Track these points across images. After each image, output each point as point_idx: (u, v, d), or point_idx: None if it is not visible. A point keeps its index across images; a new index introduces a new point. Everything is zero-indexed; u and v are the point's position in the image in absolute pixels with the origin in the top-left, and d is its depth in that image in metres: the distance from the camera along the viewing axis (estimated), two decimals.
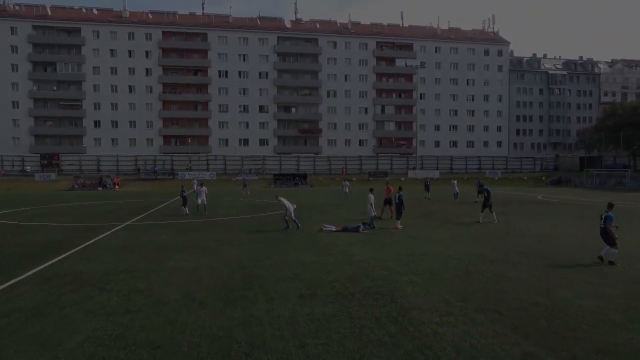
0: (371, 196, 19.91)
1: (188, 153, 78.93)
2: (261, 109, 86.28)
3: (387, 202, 22.96)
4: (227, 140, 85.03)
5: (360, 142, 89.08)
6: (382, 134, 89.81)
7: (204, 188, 26.38)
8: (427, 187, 38.62)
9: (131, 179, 68.15)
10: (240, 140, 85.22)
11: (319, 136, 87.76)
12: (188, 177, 67.47)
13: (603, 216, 12.06)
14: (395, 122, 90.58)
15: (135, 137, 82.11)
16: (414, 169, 78.73)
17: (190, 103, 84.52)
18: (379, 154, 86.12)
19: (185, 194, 26.06)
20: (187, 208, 25.87)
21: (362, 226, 18.36)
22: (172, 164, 76.47)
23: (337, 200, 36.48)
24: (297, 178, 70.07)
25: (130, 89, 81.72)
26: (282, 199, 18.83)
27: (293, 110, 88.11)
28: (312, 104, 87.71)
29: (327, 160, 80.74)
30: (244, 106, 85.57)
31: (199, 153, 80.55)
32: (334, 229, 18.49)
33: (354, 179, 70.80)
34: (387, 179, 70.86)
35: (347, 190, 38.69)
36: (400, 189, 20.31)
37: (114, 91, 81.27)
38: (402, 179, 71.39)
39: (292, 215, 18.72)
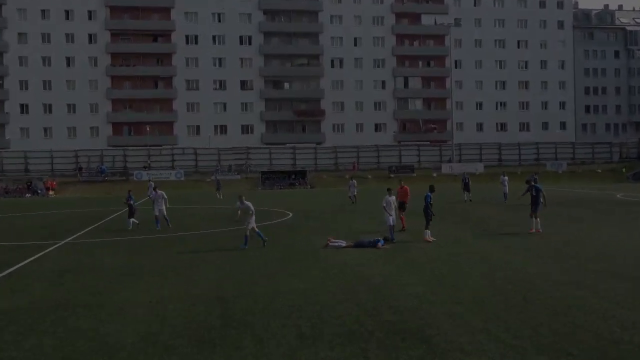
0: (390, 199, 19.95)
1: (146, 146, 79.30)
2: (243, 85, 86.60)
3: (401, 206, 22.94)
4: (197, 127, 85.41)
5: (377, 127, 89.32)
6: (405, 116, 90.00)
7: (162, 193, 26.28)
8: (466, 186, 38.73)
9: (70, 182, 68.64)
10: (215, 127, 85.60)
11: (321, 120, 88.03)
12: (147, 177, 67.66)
13: None
14: (423, 99, 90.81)
15: (75, 125, 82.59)
16: (449, 161, 78.87)
17: (149, 79, 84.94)
18: (402, 143, 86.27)
19: (132, 201, 26.01)
20: (134, 220, 25.83)
21: (381, 241, 18.35)
22: (125, 160, 76.97)
23: (346, 205, 36.53)
24: (294, 176, 70.35)
25: (68, 61, 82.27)
26: (248, 202, 18.89)
27: (286, 85, 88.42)
28: (311, 77, 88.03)
29: (333, 152, 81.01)
30: (220, 82, 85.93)
31: (161, 146, 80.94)
32: (343, 245, 18.51)
33: (369, 177, 71.03)
34: (414, 175, 71.04)
35: (355, 193, 38.70)
36: (430, 188, 20.26)
37: (45, 64, 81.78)
38: (434, 174, 71.74)
39: (254, 224, 18.83)
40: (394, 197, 20.51)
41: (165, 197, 26.38)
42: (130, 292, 12.59)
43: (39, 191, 64.09)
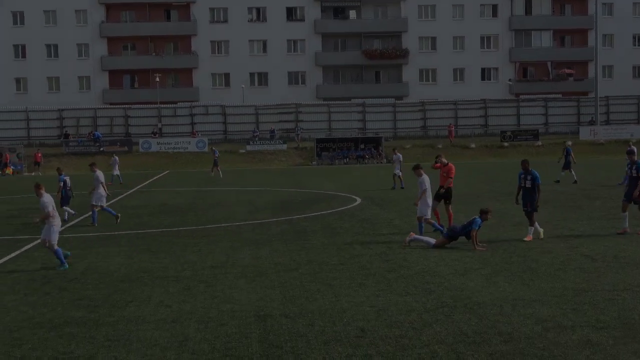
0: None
1: (156, 103, 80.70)
2: (291, 14, 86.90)
3: (443, 195, 21.77)
4: (226, 76, 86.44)
5: (485, 74, 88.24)
6: (526, 57, 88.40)
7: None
8: (567, 161, 39.53)
9: (53, 153, 70.52)
10: (251, 76, 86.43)
11: (403, 64, 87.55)
12: (157, 148, 69.28)
13: None
14: (553, 31, 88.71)
15: (58, 74, 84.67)
16: (591, 123, 77.12)
17: (158, 7, 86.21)
18: (522, 96, 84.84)
19: (64, 181, 26.90)
20: (69, 210, 26.86)
21: (478, 220, 18.32)
22: (127, 124, 78.71)
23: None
24: (363, 146, 70.42)
25: None
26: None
27: (351, 14, 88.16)
28: (388, 1, 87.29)
29: (420, 110, 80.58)
30: (258, 10, 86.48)
31: (176, 103, 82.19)
32: (432, 243, 18.54)
33: (473, 146, 70.39)
34: (539, 143, 69.90)
35: (400, 173, 38.50)
36: (524, 164, 19.88)
37: None
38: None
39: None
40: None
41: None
42: (139, 307, 12.98)
43: (16, 167, 66.21)
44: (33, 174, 63.00)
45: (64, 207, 26.56)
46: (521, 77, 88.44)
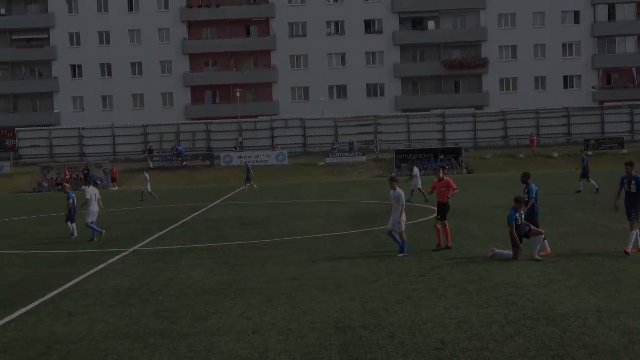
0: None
1: (236, 117, 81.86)
2: (369, 26, 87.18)
3: (441, 210, 20.81)
4: (305, 90, 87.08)
5: (567, 82, 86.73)
6: (610, 63, 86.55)
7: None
8: (584, 171, 40.18)
9: (137, 169, 71.95)
10: (330, 89, 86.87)
11: (484, 74, 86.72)
12: (238, 161, 70.19)
13: None
14: (638, 36, 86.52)
15: (142, 91, 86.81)
16: None
17: (238, 23, 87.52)
18: (606, 103, 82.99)
19: (72, 199, 27.27)
20: (74, 226, 27.15)
21: (511, 215, 17.99)
22: (209, 138, 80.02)
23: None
24: (443, 157, 69.97)
25: (131, 5, 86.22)
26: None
27: (430, 25, 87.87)
28: (468, 10, 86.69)
29: (501, 120, 79.63)
30: (337, 24, 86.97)
31: (256, 117, 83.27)
32: (511, 256, 18.30)
33: (555, 155, 69.15)
34: (624, 151, 68.22)
35: (419, 184, 37.93)
36: (525, 178, 19.54)
37: (102, 10, 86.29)
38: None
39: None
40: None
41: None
42: (220, 319, 13.23)
43: (99, 182, 67.77)
44: (111, 189, 64.43)
45: (69, 223, 27.15)
46: (605, 84, 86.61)
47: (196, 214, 35.34)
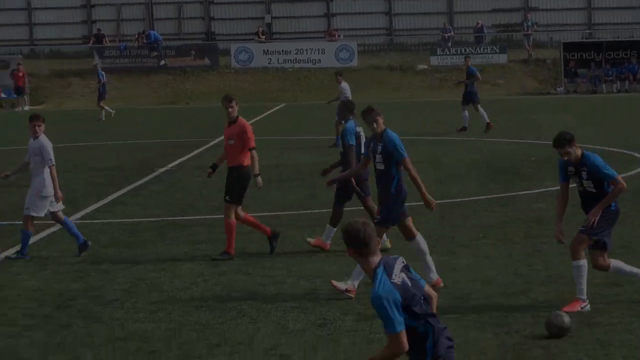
0: None
1: None
2: None
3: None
4: None
5: None
6: None
7: None
8: None
9: (73, 70, 49.65)
10: None
11: None
12: (261, 63, 48.90)
13: None
14: None
15: None
16: None
17: None
18: None
19: None
20: None
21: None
22: (209, 16, 54.54)
23: None
24: None
25: None
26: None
27: None
28: None
29: None
30: None
31: None
32: None
33: None
34: None
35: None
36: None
37: None
38: None
39: None
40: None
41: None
42: None
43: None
44: (17, 108, 45.85)
45: None
46: None
47: (184, 158, 24.58)
